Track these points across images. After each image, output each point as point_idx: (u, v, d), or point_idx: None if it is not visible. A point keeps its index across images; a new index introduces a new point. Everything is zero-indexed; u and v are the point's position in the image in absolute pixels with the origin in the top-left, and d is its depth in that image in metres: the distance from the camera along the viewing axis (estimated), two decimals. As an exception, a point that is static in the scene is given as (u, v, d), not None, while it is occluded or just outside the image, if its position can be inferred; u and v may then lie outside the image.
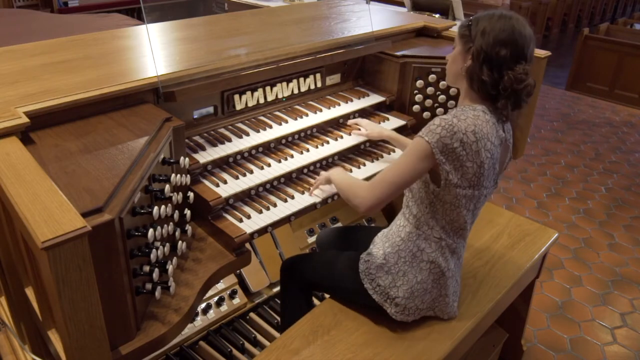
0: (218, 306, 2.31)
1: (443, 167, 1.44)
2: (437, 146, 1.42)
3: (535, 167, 4.41)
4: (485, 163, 1.45)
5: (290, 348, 1.58)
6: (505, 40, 1.42)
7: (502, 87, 1.43)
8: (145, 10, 1.79)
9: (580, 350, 2.59)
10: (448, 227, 1.57)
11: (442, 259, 1.59)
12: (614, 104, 6.02)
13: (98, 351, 1.13)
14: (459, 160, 1.43)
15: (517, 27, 1.44)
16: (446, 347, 1.60)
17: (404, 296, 1.60)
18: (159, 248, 1.33)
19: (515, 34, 1.43)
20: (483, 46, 1.44)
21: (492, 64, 1.44)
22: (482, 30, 1.45)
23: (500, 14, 1.48)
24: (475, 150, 1.42)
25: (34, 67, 1.70)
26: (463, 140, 1.41)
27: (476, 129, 1.42)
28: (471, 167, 1.44)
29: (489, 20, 1.46)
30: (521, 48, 1.43)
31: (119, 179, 1.21)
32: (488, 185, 1.52)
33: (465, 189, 1.47)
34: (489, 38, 1.43)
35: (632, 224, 3.67)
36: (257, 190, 1.76)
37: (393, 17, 2.73)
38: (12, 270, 1.57)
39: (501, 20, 1.45)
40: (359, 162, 2.00)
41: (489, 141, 1.45)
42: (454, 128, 1.41)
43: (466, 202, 1.51)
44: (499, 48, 1.42)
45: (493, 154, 1.47)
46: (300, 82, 2.14)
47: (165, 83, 1.67)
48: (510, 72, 1.42)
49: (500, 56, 1.42)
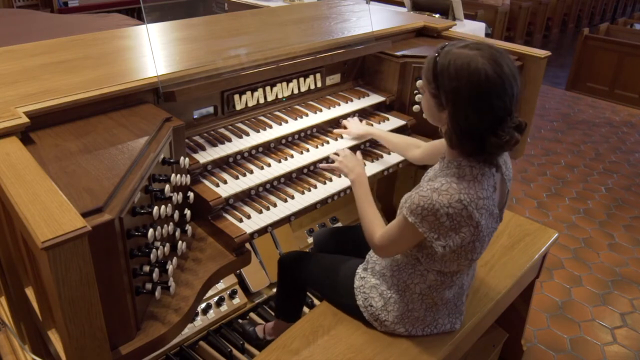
0: (218, 306, 2.31)
1: (436, 242, 1.36)
2: (424, 226, 1.35)
3: (535, 167, 4.41)
4: (482, 220, 1.35)
5: (290, 348, 1.58)
6: (484, 109, 1.24)
7: (486, 150, 1.30)
8: (145, 10, 1.79)
9: (580, 350, 2.59)
10: (446, 271, 1.49)
11: (436, 294, 1.54)
12: (614, 104, 6.02)
13: (98, 351, 1.13)
14: (453, 230, 1.34)
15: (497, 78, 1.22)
16: (446, 347, 1.60)
17: (393, 321, 1.59)
18: (159, 248, 1.33)
19: (498, 91, 1.23)
20: (458, 120, 1.28)
21: (472, 134, 1.29)
22: (453, 93, 1.26)
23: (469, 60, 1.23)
24: (466, 216, 1.33)
25: (34, 67, 1.70)
26: (449, 213, 1.31)
27: (461, 197, 1.31)
28: (467, 230, 1.35)
29: (461, 75, 1.24)
30: (504, 106, 1.25)
31: (119, 179, 1.21)
32: (491, 230, 1.43)
33: (465, 246, 1.39)
34: (463, 109, 1.26)
35: (632, 224, 3.67)
36: (257, 190, 1.76)
37: (393, 17, 2.73)
38: (12, 270, 1.57)
39: (474, 76, 1.22)
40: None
41: (480, 199, 1.34)
42: (434, 206, 1.31)
43: (468, 254, 1.42)
44: (479, 119, 1.26)
45: (487, 207, 1.36)
46: (300, 82, 2.14)
47: (165, 83, 1.67)
48: (492, 137, 1.26)
49: (480, 127, 1.27)
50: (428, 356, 1.56)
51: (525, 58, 2.25)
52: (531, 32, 8.17)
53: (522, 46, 2.33)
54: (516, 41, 7.46)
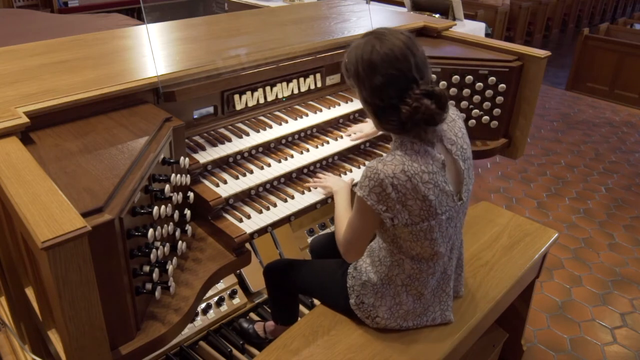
0: (218, 306, 2.31)
1: (385, 214, 1.39)
2: (371, 198, 1.37)
3: (535, 167, 4.41)
4: (430, 194, 1.38)
5: (290, 348, 1.58)
6: (382, 82, 1.33)
7: (404, 121, 1.34)
8: (145, 10, 1.80)
9: (580, 350, 2.59)
10: (418, 257, 1.51)
11: (418, 283, 1.56)
12: (614, 104, 6.02)
13: (98, 351, 1.14)
14: (400, 202, 1.37)
15: (387, 52, 1.32)
16: (446, 347, 1.60)
17: (384, 317, 1.60)
18: (159, 248, 1.33)
19: (391, 62, 1.32)
20: (366, 98, 1.39)
21: (384, 110, 1.37)
22: (356, 77, 1.38)
23: (364, 46, 1.36)
24: (411, 188, 1.36)
25: (34, 67, 1.70)
26: (394, 183, 1.35)
27: (405, 168, 1.35)
28: (414, 203, 1.38)
29: (356, 60, 1.37)
30: (402, 76, 1.33)
31: (119, 179, 1.21)
32: (446, 209, 1.44)
33: (417, 224, 1.42)
34: (366, 86, 1.36)
35: (632, 224, 3.67)
36: (257, 190, 1.76)
37: (393, 17, 2.73)
38: (12, 270, 1.57)
39: (369, 55, 1.34)
40: (359, 162, 2.00)
41: (424, 173, 1.37)
42: (379, 175, 1.35)
43: (426, 233, 1.44)
44: (380, 92, 1.34)
45: (436, 181, 1.39)
46: (300, 82, 2.14)
47: (165, 83, 1.67)
48: (403, 106, 1.33)
49: (386, 98, 1.35)
50: (428, 356, 1.56)
51: (525, 58, 2.25)
52: (531, 32, 8.17)
53: (522, 46, 2.33)
54: (516, 41, 7.46)
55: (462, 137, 1.52)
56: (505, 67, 2.20)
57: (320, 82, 2.22)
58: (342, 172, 1.92)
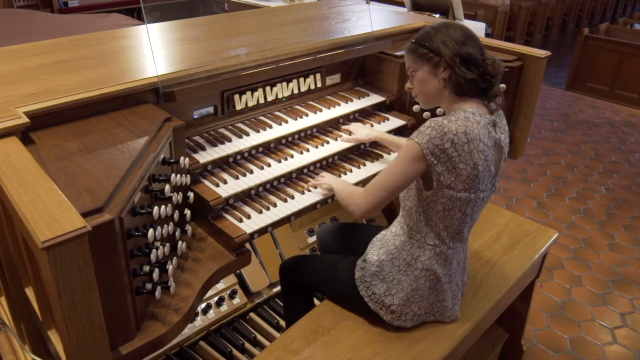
0: (218, 306, 2.31)
1: (434, 168, 1.43)
2: (428, 147, 1.41)
3: (535, 167, 4.41)
4: (480, 165, 1.44)
5: (290, 348, 1.58)
6: (466, 41, 1.50)
7: (488, 75, 1.49)
8: (145, 10, 1.79)
9: (580, 350, 2.60)
10: (443, 233, 1.55)
11: (437, 266, 1.58)
12: (614, 104, 6.02)
13: (98, 351, 1.13)
14: (451, 162, 1.41)
15: (463, 29, 1.53)
16: (446, 347, 1.60)
17: (399, 303, 1.60)
18: (159, 248, 1.33)
19: (466, 33, 1.52)
20: (454, 52, 1.49)
21: (469, 63, 1.49)
22: (442, 41, 1.51)
23: (441, 24, 1.55)
24: (467, 152, 1.41)
25: (34, 67, 1.70)
26: (454, 141, 1.40)
27: (467, 130, 1.41)
28: (464, 169, 1.42)
29: (439, 33, 1.53)
30: (478, 42, 1.53)
31: (119, 179, 1.21)
32: (485, 189, 1.51)
33: (459, 191, 1.46)
34: (453, 45, 1.50)
35: (632, 224, 3.67)
36: (257, 190, 1.76)
37: (393, 17, 2.73)
38: (12, 270, 1.57)
39: (449, 29, 1.53)
40: (359, 162, 2.00)
41: (481, 142, 1.43)
42: (443, 129, 1.40)
43: (461, 206, 1.49)
44: (466, 47, 1.49)
45: (487, 155, 1.46)
46: (300, 82, 2.14)
47: (165, 83, 1.67)
48: (487, 60, 1.50)
49: (471, 53, 1.49)
50: (428, 356, 1.56)
51: (525, 58, 2.25)
52: (531, 32, 8.17)
53: (522, 46, 2.32)
54: (516, 41, 7.46)
55: (507, 131, 1.60)
56: (505, 67, 2.20)
57: (320, 82, 2.22)
58: (342, 172, 1.92)
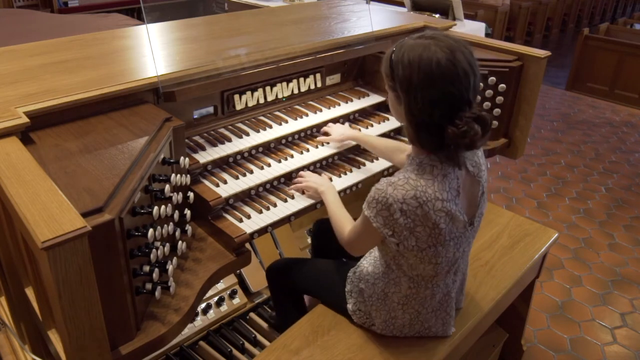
0: (218, 306, 2.31)
1: (390, 239, 1.35)
2: (378, 221, 1.32)
3: (535, 167, 4.41)
4: (441, 222, 1.31)
5: (290, 348, 1.58)
6: (439, 98, 1.22)
7: (446, 142, 1.25)
8: (145, 10, 1.79)
9: (580, 350, 2.59)
10: (419, 278, 1.45)
11: (415, 303, 1.51)
12: (614, 104, 6.02)
13: (98, 351, 1.13)
14: (407, 229, 1.31)
15: (452, 67, 1.21)
16: (446, 347, 1.60)
17: (379, 327, 1.59)
18: (159, 248, 1.33)
19: (453, 80, 1.21)
20: (412, 110, 1.26)
21: (428, 127, 1.26)
22: (407, 85, 1.25)
23: (428, 53, 1.22)
24: (421, 215, 1.29)
25: (34, 67, 1.70)
26: (403, 209, 1.28)
27: (417, 194, 1.27)
28: (423, 230, 1.31)
29: (413, 66, 1.23)
30: (460, 96, 1.22)
31: (119, 179, 1.21)
32: (455, 235, 1.37)
33: (424, 249, 1.36)
34: (417, 99, 1.23)
35: (632, 224, 3.67)
36: (257, 190, 1.76)
37: (393, 17, 2.73)
38: (12, 270, 1.57)
39: (429, 65, 1.21)
40: (359, 162, 2.00)
41: (438, 200, 1.29)
42: (388, 200, 1.28)
43: (431, 258, 1.38)
44: (432, 109, 1.23)
45: (448, 210, 1.31)
46: (300, 82, 2.14)
47: (165, 83, 1.67)
48: (451, 127, 1.22)
49: (436, 117, 1.23)
50: (428, 356, 1.56)
51: (525, 58, 2.25)
52: (531, 32, 8.17)
53: (522, 46, 2.32)
54: (516, 41, 7.46)
55: (482, 158, 1.46)
56: (505, 67, 2.20)
57: (320, 82, 2.22)
58: (342, 172, 1.92)
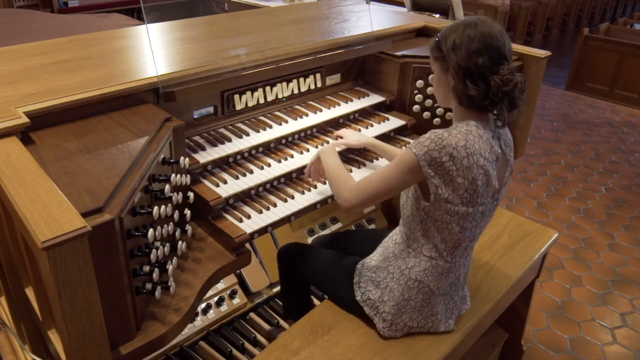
0: (218, 306, 2.31)
1: (431, 180, 1.39)
2: (425, 159, 1.37)
3: (535, 167, 4.41)
4: (479, 180, 1.39)
5: (290, 348, 1.58)
6: (479, 48, 1.37)
7: (491, 93, 1.37)
8: (145, 10, 1.79)
9: (580, 350, 2.59)
10: (441, 245, 1.51)
11: (432, 279, 1.55)
12: (614, 104, 6.02)
13: (98, 351, 1.13)
14: (449, 175, 1.37)
15: (485, 30, 1.38)
16: (446, 347, 1.60)
17: (390, 312, 1.59)
18: (159, 248, 1.33)
19: (486, 37, 1.37)
20: (459, 62, 1.39)
21: (474, 77, 1.38)
22: (452, 45, 1.40)
23: (465, 23, 1.42)
24: (466, 166, 1.36)
25: (34, 67, 1.70)
26: (453, 154, 1.35)
27: (467, 144, 1.36)
28: (462, 183, 1.38)
29: (455, 32, 1.41)
30: (497, 50, 1.37)
31: (119, 179, 1.21)
32: (484, 202, 1.45)
33: (457, 205, 1.42)
34: (462, 51, 1.38)
35: (632, 224, 3.67)
36: (257, 190, 1.76)
37: (393, 17, 2.73)
38: (12, 270, 1.57)
39: (468, 29, 1.39)
40: (359, 162, 2.00)
41: (481, 157, 1.38)
42: (443, 142, 1.36)
43: (459, 219, 1.45)
44: (475, 58, 1.36)
45: (487, 170, 1.40)
46: (300, 82, 2.14)
47: (165, 83, 1.67)
48: (495, 76, 1.36)
49: (479, 65, 1.36)
50: (428, 356, 1.56)
51: (525, 58, 2.25)
52: (531, 32, 8.17)
53: (522, 46, 2.32)
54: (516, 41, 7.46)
55: (512, 143, 1.55)
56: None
57: (320, 82, 2.22)
58: (342, 172, 1.92)
